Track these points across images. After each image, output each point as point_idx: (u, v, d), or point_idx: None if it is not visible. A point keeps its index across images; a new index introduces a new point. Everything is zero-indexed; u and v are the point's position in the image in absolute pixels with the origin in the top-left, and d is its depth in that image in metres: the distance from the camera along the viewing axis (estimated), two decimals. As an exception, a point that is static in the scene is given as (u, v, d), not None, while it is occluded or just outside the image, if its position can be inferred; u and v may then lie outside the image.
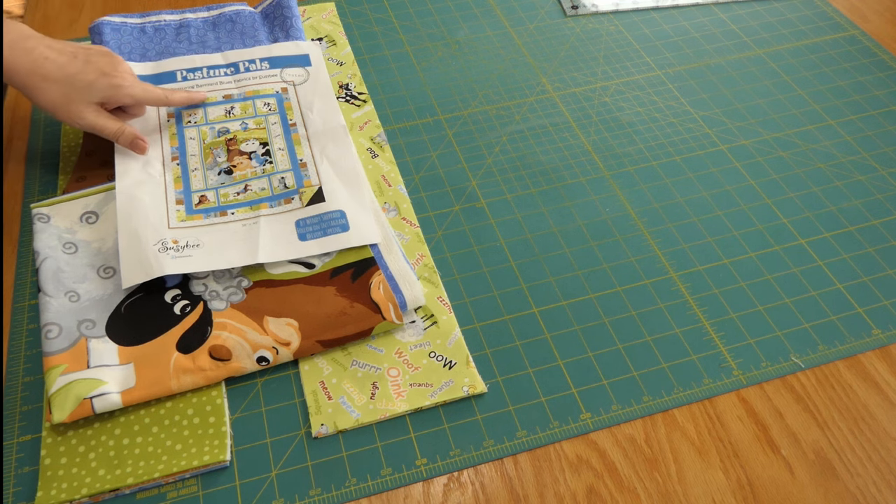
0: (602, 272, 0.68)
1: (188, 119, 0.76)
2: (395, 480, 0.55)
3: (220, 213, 0.68)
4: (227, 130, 0.75)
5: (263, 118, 0.76)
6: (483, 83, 0.87)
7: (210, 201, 0.69)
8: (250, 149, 0.73)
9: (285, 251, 0.65)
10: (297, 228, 0.67)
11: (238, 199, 0.69)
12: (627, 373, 0.61)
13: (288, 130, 0.75)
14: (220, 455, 0.55)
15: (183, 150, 0.73)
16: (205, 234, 0.66)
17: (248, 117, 0.76)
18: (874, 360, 0.62)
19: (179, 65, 0.81)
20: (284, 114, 0.77)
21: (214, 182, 0.71)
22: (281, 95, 0.79)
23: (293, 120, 0.76)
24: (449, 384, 0.59)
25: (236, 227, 0.67)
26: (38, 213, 0.68)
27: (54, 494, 0.53)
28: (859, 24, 0.95)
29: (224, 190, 0.70)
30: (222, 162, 0.72)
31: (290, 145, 0.74)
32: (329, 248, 0.65)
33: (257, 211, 0.68)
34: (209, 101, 0.78)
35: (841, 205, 0.74)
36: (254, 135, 0.75)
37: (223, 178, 0.71)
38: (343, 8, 0.97)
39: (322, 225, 0.67)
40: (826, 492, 0.55)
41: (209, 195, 0.69)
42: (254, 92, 0.79)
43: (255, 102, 0.78)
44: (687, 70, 0.88)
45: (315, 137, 0.75)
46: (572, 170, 0.77)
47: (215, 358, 0.59)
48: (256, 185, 0.70)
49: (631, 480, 0.55)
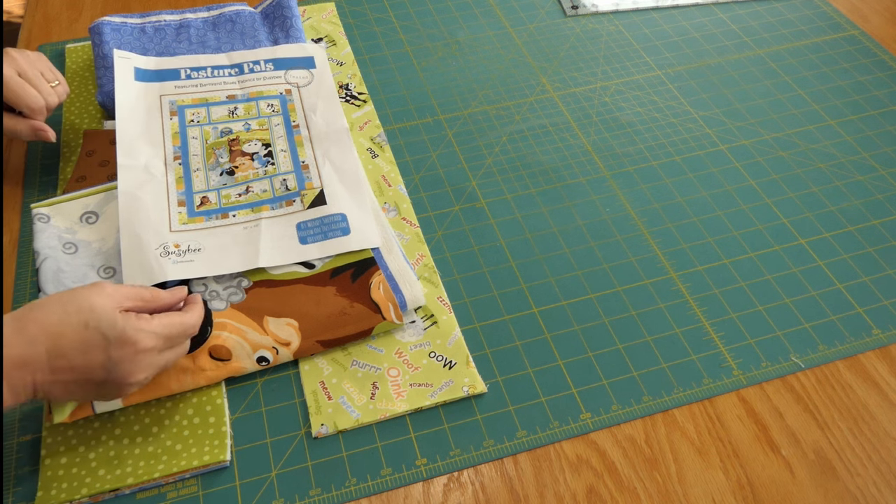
0: (602, 272, 0.68)
1: (191, 118, 0.76)
2: (395, 480, 0.55)
3: (221, 215, 0.68)
4: (229, 131, 0.75)
5: (266, 119, 0.76)
6: (483, 83, 0.87)
7: (212, 203, 0.69)
8: (253, 150, 0.73)
9: (286, 255, 0.65)
10: (297, 231, 0.67)
11: (240, 200, 0.69)
12: (627, 373, 0.61)
13: (291, 132, 0.75)
14: (220, 455, 0.55)
15: (185, 150, 0.73)
16: (206, 237, 0.66)
17: (252, 118, 0.76)
18: (874, 360, 0.62)
19: (184, 63, 0.81)
20: (287, 115, 0.77)
21: (216, 183, 0.71)
22: (284, 97, 0.79)
23: (296, 122, 0.76)
24: (449, 384, 0.59)
25: (237, 231, 0.67)
26: (38, 213, 0.68)
27: (54, 494, 0.53)
28: (859, 24, 0.95)
29: (226, 191, 0.70)
30: (224, 163, 0.72)
31: (292, 147, 0.74)
32: (330, 251, 0.65)
33: (258, 213, 0.68)
34: (213, 100, 0.78)
35: (841, 205, 0.74)
36: (256, 136, 0.74)
37: (225, 179, 0.71)
38: (343, 8, 0.96)
39: (323, 228, 0.67)
40: (826, 492, 0.55)
41: (211, 196, 0.69)
42: (257, 93, 0.79)
43: (258, 103, 0.78)
44: (687, 70, 0.88)
45: (318, 139, 0.75)
46: (572, 170, 0.77)
47: (215, 358, 0.59)
48: (258, 186, 0.70)
49: (631, 480, 0.55)
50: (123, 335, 0.49)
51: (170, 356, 0.54)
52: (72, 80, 0.85)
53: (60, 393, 0.50)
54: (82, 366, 0.49)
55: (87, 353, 0.49)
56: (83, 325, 0.49)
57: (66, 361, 0.49)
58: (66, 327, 0.48)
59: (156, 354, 0.52)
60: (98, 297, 0.50)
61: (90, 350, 0.49)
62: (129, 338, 0.50)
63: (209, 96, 0.78)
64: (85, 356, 0.49)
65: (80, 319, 0.49)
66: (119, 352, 0.50)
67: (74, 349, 0.49)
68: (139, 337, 0.50)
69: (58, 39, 0.91)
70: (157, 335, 0.52)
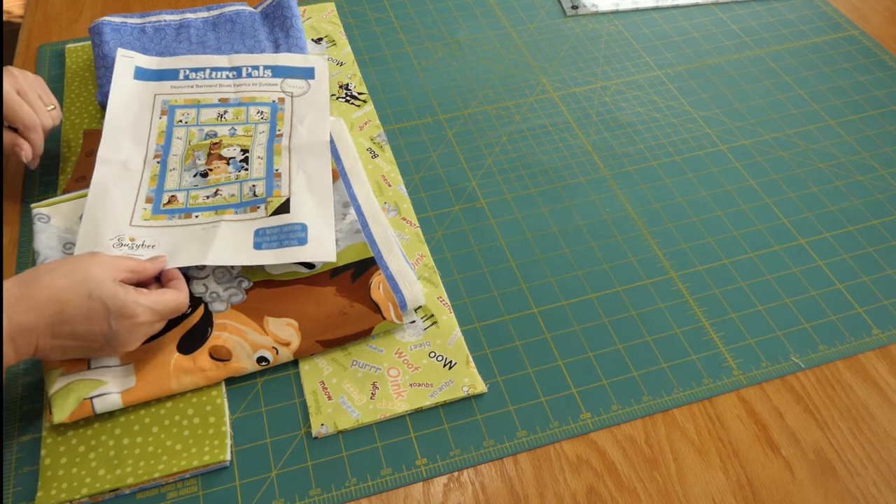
0: (602, 272, 0.68)
1: (180, 118, 0.76)
2: (395, 480, 0.55)
3: (184, 215, 0.68)
4: (214, 134, 0.75)
5: (253, 126, 0.75)
6: (483, 83, 0.87)
7: (178, 202, 0.69)
8: (230, 154, 0.73)
9: (236, 257, 0.64)
10: (254, 237, 0.65)
11: (206, 202, 0.69)
12: (627, 373, 0.61)
13: (272, 140, 0.74)
14: (220, 455, 0.55)
15: (167, 149, 0.73)
16: (163, 235, 0.65)
17: (239, 123, 0.76)
18: (874, 360, 0.62)
19: (184, 63, 0.81)
20: (275, 123, 0.76)
21: (188, 184, 0.70)
22: (276, 105, 0.78)
23: (281, 130, 0.75)
24: (449, 384, 0.59)
25: (195, 230, 0.66)
26: (38, 213, 0.68)
27: (54, 494, 0.53)
28: (859, 24, 0.95)
29: (195, 192, 0.70)
30: (201, 164, 0.72)
31: (269, 154, 0.73)
32: (282, 259, 0.64)
33: (220, 216, 0.67)
34: (204, 102, 0.78)
35: (841, 205, 0.74)
36: (239, 141, 0.74)
37: (197, 181, 0.71)
38: (343, 8, 0.97)
39: (280, 236, 0.66)
40: (826, 492, 0.55)
41: (179, 196, 0.69)
42: (250, 98, 0.78)
43: (248, 109, 0.77)
44: (687, 70, 0.88)
45: (296, 150, 0.73)
46: (572, 170, 0.77)
47: (215, 358, 0.59)
48: (227, 190, 0.70)
49: (631, 480, 0.55)
50: (124, 308, 0.53)
51: (158, 328, 0.58)
52: (72, 80, 0.85)
53: (58, 355, 0.54)
54: (84, 333, 0.53)
55: (90, 321, 0.52)
56: (87, 295, 0.52)
57: (70, 328, 0.52)
58: (72, 294, 0.52)
59: (149, 327, 0.56)
60: (97, 266, 0.54)
61: (93, 319, 0.52)
62: (129, 310, 0.54)
63: (202, 98, 0.78)
64: (88, 324, 0.52)
65: (85, 288, 0.52)
66: (119, 323, 0.53)
67: (78, 316, 0.52)
68: (138, 311, 0.54)
69: (58, 39, 0.91)
70: (153, 310, 0.56)
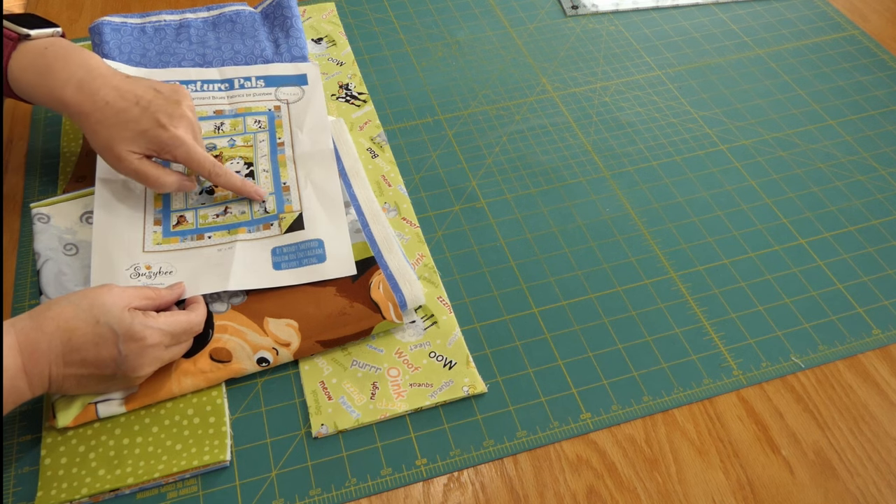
0: (602, 272, 0.68)
1: None
2: (395, 480, 0.55)
3: (196, 236, 0.67)
4: (213, 146, 0.73)
5: (252, 136, 0.74)
6: (483, 83, 0.87)
7: (188, 223, 0.67)
8: (234, 168, 0.71)
9: (257, 280, 0.63)
10: (272, 257, 0.65)
11: (217, 221, 0.68)
12: (627, 373, 0.61)
13: (275, 150, 0.73)
14: (220, 455, 0.55)
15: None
16: (179, 259, 0.64)
17: (237, 134, 0.75)
18: (874, 360, 0.62)
19: (174, 76, 0.80)
20: (274, 132, 0.75)
21: (194, 202, 0.69)
22: (273, 113, 0.77)
23: (282, 139, 0.74)
24: (449, 384, 0.59)
25: (211, 253, 0.65)
26: (38, 213, 0.68)
27: (54, 494, 0.53)
28: (859, 24, 0.95)
29: (203, 211, 0.68)
30: (204, 181, 0.71)
31: (275, 167, 0.72)
32: (304, 279, 0.63)
33: (234, 235, 0.66)
34: (200, 115, 0.75)
35: (841, 205, 0.74)
36: (240, 153, 0.73)
37: (203, 198, 0.70)
38: (343, 8, 0.97)
39: (298, 254, 0.65)
40: (826, 492, 0.55)
41: (188, 216, 0.68)
42: (245, 109, 0.77)
43: (245, 119, 0.76)
44: (687, 70, 0.88)
45: (301, 159, 0.73)
46: (572, 170, 0.77)
47: (216, 360, 0.59)
48: (237, 208, 0.69)
49: (631, 480, 0.55)
50: (131, 330, 0.53)
51: (175, 351, 0.57)
52: (72, 80, 0.85)
53: (72, 386, 0.54)
54: (94, 359, 0.53)
55: (99, 347, 0.52)
56: (94, 321, 0.52)
57: (79, 355, 0.52)
58: (80, 322, 0.52)
59: (162, 349, 0.55)
60: (107, 296, 0.54)
61: (101, 345, 0.52)
62: (137, 333, 0.53)
63: (197, 111, 0.77)
64: (97, 350, 0.52)
65: (92, 315, 0.52)
66: (128, 346, 0.53)
67: (87, 343, 0.52)
68: (146, 333, 0.54)
69: (58, 39, 0.91)
70: (162, 332, 0.55)
